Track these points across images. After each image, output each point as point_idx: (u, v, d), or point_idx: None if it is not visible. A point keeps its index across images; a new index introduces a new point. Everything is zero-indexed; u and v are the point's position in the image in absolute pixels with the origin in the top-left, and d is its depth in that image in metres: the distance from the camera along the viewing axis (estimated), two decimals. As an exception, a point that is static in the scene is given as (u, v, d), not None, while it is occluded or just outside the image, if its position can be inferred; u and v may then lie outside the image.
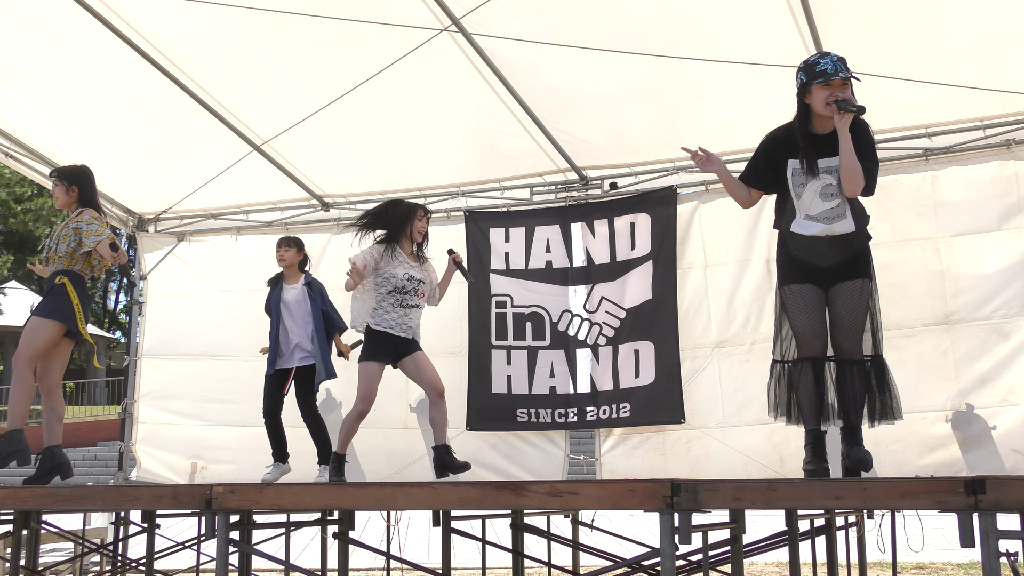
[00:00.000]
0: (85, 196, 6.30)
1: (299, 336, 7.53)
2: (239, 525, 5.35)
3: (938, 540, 10.68)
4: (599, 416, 7.76)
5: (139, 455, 8.97)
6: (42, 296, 6.20)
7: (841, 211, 4.84)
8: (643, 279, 7.74)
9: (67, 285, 6.02)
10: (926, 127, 6.94)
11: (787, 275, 5.05)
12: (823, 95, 4.74)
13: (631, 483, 4.18)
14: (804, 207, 4.88)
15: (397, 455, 8.23)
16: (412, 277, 6.76)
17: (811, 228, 4.87)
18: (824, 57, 4.83)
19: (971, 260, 6.84)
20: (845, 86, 4.74)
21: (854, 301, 4.89)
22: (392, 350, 6.78)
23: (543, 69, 6.68)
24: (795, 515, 5.69)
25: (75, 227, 6.09)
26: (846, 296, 4.90)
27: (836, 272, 4.91)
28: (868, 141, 4.82)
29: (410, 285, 6.73)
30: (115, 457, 11.91)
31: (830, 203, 4.83)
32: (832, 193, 4.83)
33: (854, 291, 4.89)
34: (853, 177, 4.71)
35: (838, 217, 4.85)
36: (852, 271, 4.91)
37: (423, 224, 6.84)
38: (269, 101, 7.30)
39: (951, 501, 3.62)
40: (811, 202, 4.86)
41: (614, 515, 14.08)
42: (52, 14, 6.29)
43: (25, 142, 7.97)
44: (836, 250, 4.89)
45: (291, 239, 7.83)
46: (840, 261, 4.90)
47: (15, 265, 38.26)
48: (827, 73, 4.74)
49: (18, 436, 6.07)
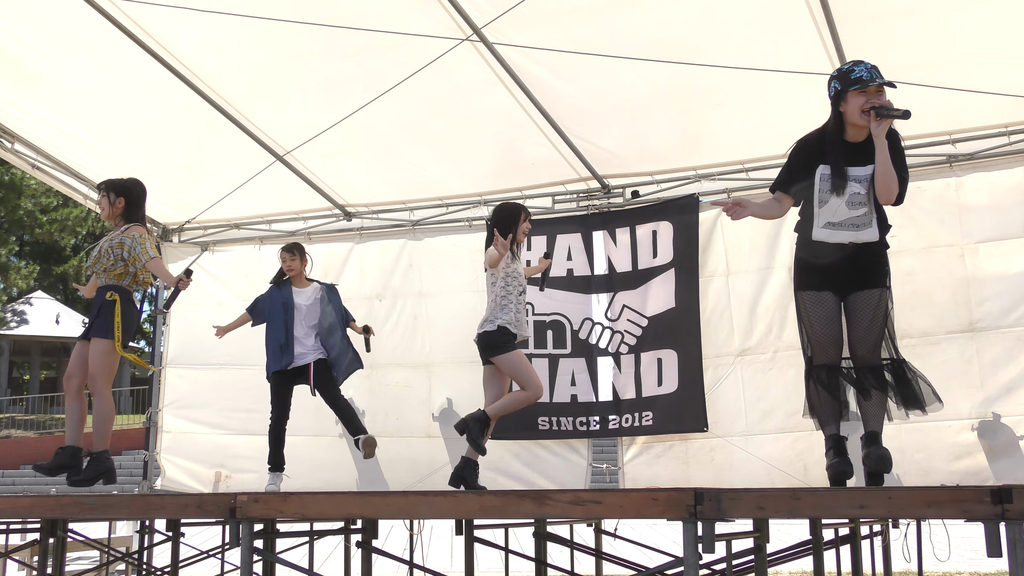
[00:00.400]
0: (131, 209, 6.33)
1: (311, 338, 7.62)
2: (263, 534, 5.38)
3: (964, 549, 10.60)
4: (621, 424, 7.74)
5: (163, 464, 9.02)
6: (91, 311, 6.22)
7: (867, 220, 4.82)
8: (665, 287, 7.72)
9: (117, 302, 6.07)
10: (950, 133, 6.90)
11: (804, 280, 5.03)
12: (859, 102, 4.74)
13: (654, 492, 4.17)
14: (827, 214, 4.84)
15: (420, 464, 8.24)
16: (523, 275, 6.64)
17: (836, 236, 4.84)
18: (859, 65, 4.82)
19: (996, 267, 6.79)
20: (881, 92, 4.73)
21: (871, 310, 4.86)
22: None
23: (564, 77, 6.69)
24: (819, 524, 5.66)
25: (121, 242, 6.12)
26: (863, 305, 4.87)
27: (853, 280, 4.89)
28: (899, 150, 4.82)
29: (525, 284, 6.58)
30: (140, 466, 11.98)
31: (857, 211, 4.81)
32: (860, 202, 4.80)
33: (871, 300, 4.86)
34: (889, 185, 4.71)
35: (864, 225, 4.82)
36: (870, 280, 4.88)
37: (527, 225, 6.65)
38: (292, 111, 7.34)
39: (977, 510, 3.59)
40: (836, 209, 4.82)
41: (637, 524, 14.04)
42: (79, 28, 6.35)
43: (51, 153, 8.04)
44: (857, 260, 4.87)
45: (292, 246, 7.88)
46: (858, 269, 4.88)
47: (40, 275, 38.56)
48: (863, 80, 4.74)
49: (105, 456, 6.20)
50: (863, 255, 4.87)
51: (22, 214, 34.88)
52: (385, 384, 8.50)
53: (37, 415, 32.03)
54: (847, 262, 4.87)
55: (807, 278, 5.01)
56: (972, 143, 6.92)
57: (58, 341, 36.68)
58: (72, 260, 40.43)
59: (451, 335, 8.38)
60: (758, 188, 7.53)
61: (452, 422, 8.21)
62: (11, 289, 35.78)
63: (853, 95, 4.76)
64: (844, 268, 4.88)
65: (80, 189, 8.46)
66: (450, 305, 8.43)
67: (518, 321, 6.38)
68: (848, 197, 4.80)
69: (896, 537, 7.04)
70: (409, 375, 8.46)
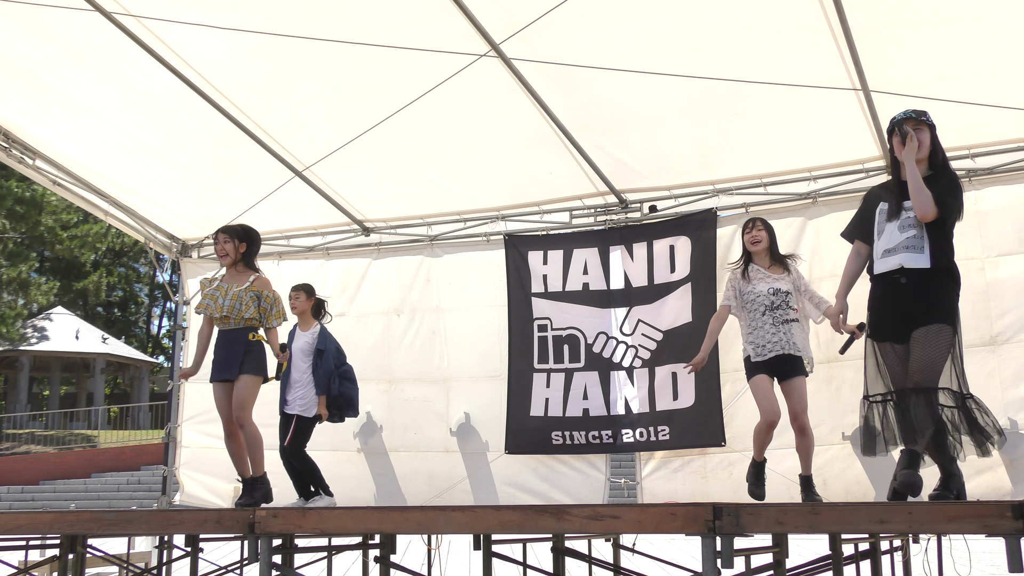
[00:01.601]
0: (250, 255, 6.68)
1: (300, 384, 7.48)
2: (281, 549, 5.38)
3: (986, 564, 10.51)
4: (636, 438, 7.72)
5: (182, 479, 9.04)
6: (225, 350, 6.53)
7: (918, 243, 5.03)
8: (682, 302, 7.71)
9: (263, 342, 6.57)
10: (968, 148, 6.88)
11: (872, 328, 5.29)
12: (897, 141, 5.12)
13: (673, 507, 4.16)
14: (883, 243, 5.15)
15: (438, 478, 8.24)
16: (777, 290, 6.37)
17: (887, 264, 5.10)
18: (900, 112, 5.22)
19: (1017, 280, 6.75)
20: (919, 128, 5.11)
21: (929, 344, 4.94)
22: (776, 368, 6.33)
23: (582, 91, 6.69)
24: (839, 539, 5.63)
25: (258, 295, 6.50)
26: (921, 338, 4.97)
27: (916, 316, 5.00)
28: (949, 179, 5.12)
29: (777, 299, 6.35)
30: (159, 481, 12.02)
31: (907, 232, 5.06)
32: (910, 224, 5.05)
33: (929, 334, 4.95)
34: (918, 201, 4.97)
35: (913, 248, 5.03)
36: (931, 316, 4.98)
37: (750, 235, 6.48)
38: (310, 126, 7.38)
39: (998, 525, 3.57)
40: (891, 235, 5.11)
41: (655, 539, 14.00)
42: (98, 44, 6.41)
43: (72, 170, 8.11)
44: (913, 292, 5.02)
45: (301, 286, 7.82)
46: (919, 303, 5.00)
47: (61, 291, 38.76)
48: (895, 121, 5.16)
49: (265, 479, 6.55)
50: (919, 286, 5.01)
51: (43, 230, 35.08)
52: (403, 399, 8.51)
53: (56, 431, 32.14)
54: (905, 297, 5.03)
55: (873, 325, 5.28)
56: (991, 157, 6.89)
57: (78, 357, 36.83)
58: (92, 276, 40.63)
59: (469, 350, 8.39)
60: (776, 203, 7.54)
61: (469, 436, 8.24)
62: (31, 305, 35.97)
63: (895, 137, 5.14)
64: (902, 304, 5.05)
65: (100, 205, 8.52)
66: (468, 320, 8.44)
67: (759, 343, 6.31)
68: (901, 221, 5.08)
69: (916, 552, 6.99)
70: (427, 390, 8.47)
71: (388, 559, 5.79)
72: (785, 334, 6.25)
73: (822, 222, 7.38)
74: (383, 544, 5.84)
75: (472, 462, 8.19)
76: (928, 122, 5.15)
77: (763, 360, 6.28)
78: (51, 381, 39.36)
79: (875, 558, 6.35)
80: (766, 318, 6.29)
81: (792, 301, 6.32)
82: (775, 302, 6.29)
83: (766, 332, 6.28)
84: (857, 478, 6.99)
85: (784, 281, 6.36)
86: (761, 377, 6.27)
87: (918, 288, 5.01)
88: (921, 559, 6.85)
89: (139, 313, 51.92)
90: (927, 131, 5.12)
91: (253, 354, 6.45)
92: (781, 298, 6.30)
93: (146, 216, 8.91)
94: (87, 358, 37.18)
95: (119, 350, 38.18)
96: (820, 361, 6.82)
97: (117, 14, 6.10)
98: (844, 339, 5.77)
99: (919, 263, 4.99)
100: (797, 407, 6.20)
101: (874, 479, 6.91)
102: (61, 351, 35.58)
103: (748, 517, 3.92)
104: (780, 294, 6.31)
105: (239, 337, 6.43)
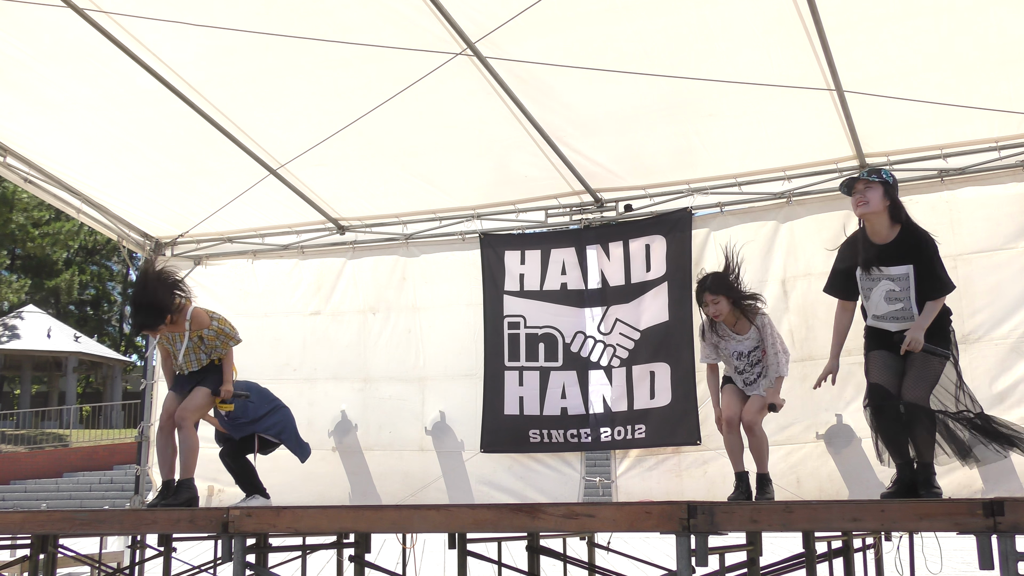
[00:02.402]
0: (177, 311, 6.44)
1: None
2: (255, 548, 5.36)
3: (957, 562, 10.61)
4: (614, 437, 7.74)
5: (155, 479, 8.98)
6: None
7: (907, 313, 5.31)
8: (658, 301, 7.73)
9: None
10: (941, 148, 6.92)
11: (868, 343, 5.52)
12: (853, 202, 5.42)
13: (647, 505, 4.17)
14: (872, 308, 5.43)
15: (413, 477, 8.22)
16: (740, 354, 6.47)
17: (883, 325, 5.37)
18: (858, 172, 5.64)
19: (988, 279, 6.80)
20: (868, 186, 5.35)
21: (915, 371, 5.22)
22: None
23: (558, 88, 6.69)
24: (812, 537, 5.67)
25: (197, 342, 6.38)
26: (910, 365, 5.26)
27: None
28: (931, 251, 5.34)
29: (741, 364, 6.46)
30: (131, 481, 11.95)
31: (895, 306, 5.33)
32: (896, 297, 5.31)
33: (915, 361, 5.23)
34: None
35: (904, 318, 5.31)
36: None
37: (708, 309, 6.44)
38: (285, 124, 7.35)
39: (970, 523, 3.60)
40: (877, 304, 5.37)
41: (630, 537, 14.04)
42: (71, 41, 6.35)
43: (44, 167, 8.03)
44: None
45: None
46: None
47: (32, 289, 38.48)
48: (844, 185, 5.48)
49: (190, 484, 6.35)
50: None
51: (14, 228, 34.85)
52: (378, 397, 8.49)
53: (28, 430, 31.90)
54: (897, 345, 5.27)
55: (869, 341, 5.52)
56: (964, 158, 6.93)
57: (49, 355, 36.58)
58: (64, 274, 40.37)
59: (444, 349, 8.38)
60: (751, 202, 7.56)
61: (445, 435, 8.22)
62: (2, 303, 35.70)
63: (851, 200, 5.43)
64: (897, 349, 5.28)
65: (72, 203, 8.44)
66: (444, 319, 8.43)
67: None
68: (885, 294, 5.32)
69: (889, 550, 7.04)
70: (402, 388, 8.45)
71: (363, 558, 5.78)
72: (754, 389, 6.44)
73: (797, 222, 7.41)
74: (358, 543, 5.84)
75: (447, 461, 8.18)
76: (881, 180, 5.34)
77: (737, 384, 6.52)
78: (22, 380, 39.09)
79: (848, 556, 6.40)
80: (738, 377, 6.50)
81: (759, 353, 6.45)
82: (738, 367, 6.47)
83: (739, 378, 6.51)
84: (830, 476, 7.03)
85: (748, 341, 6.46)
86: (730, 387, 6.50)
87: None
88: (893, 557, 6.90)
89: (112, 311, 51.57)
90: (878, 188, 5.31)
91: (215, 375, 6.43)
92: (744, 361, 6.46)
93: (119, 214, 8.84)
94: (59, 357, 36.94)
95: (91, 349, 37.95)
96: (795, 360, 6.84)
97: (89, 10, 6.05)
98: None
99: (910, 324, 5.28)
100: (751, 408, 6.36)
101: (847, 477, 6.95)
102: (32, 349, 35.34)
103: (722, 515, 3.94)
104: (743, 357, 6.46)
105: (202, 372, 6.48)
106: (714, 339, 6.52)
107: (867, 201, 5.31)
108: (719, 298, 6.38)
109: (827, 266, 5.97)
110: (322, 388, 8.61)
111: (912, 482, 5.16)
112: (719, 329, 6.49)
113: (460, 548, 5.88)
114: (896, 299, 5.27)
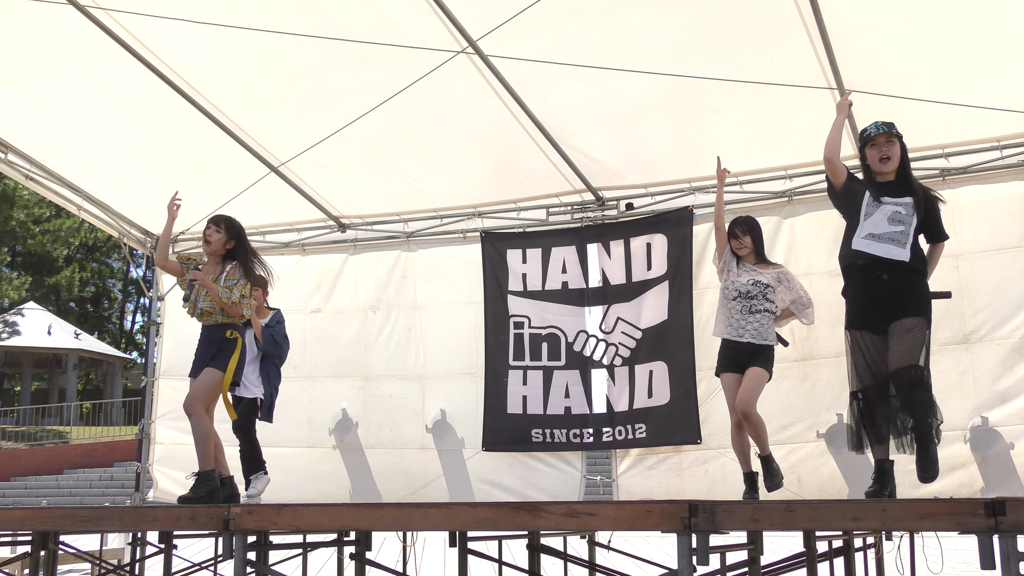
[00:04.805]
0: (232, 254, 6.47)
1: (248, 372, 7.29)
2: (256, 546, 5.35)
3: (957, 562, 10.60)
4: (615, 437, 7.74)
5: (156, 475, 8.99)
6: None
7: (903, 238, 5.30)
8: (659, 300, 7.73)
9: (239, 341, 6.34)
10: (943, 147, 6.93)
11: (850, 318, 5.55)
12: (874, 153, 5.45)
13: (648, 504, 4.17)
14: (870, 226, 5.38)
15: (414, 475, 8.23)
16: (758, 282, 6.37)
17: (873, 248, 5.33)
18: (871, 124, 5.53)
19: (990, 278, 6.80)
20: (890, 141, 5.43)
21: (906, 337, 5.19)
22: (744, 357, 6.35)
23: (559, 88, 6.69)
24: (813, 536, 5.66)
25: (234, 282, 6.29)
26: (900, 332, 5.22)
27: (894, 308, 5.27)
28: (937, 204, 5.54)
29: (755, 290, 6.35)
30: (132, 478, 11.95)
31: (896, 227, 5.31)
32: (899, 220, 5.31)
33: (906, 327, 5.21)
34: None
35: (899, 242, 5.29)
36: (907, 309, 5.26)
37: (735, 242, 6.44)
38: (286, 122, 7.34)
39: (971, 523, 3.60)
40: (879, 222, 5.34)
41: (631, 536, 14.04)
42: (73, 39, 6.36)
43: (45, 164, 8.03)
44: (891, 284, 5.29)
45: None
46: (896, 297, 5.27)
47: (32, 286, 38.47)
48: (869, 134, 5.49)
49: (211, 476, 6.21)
50: (898, 279, 5.30)
51: (14, 224, 34.83)
52: (379, 396, 8.49)
53: (28, 427, 31.88)
54: (883, 287, 5.30)
55: (851, 315, 5.54)
56: (965, 157, 6.93)
57: (50, 352, 36.55)
58: (65, 271, 40.35)
59: (445, 347, 8.38)
60: (752, 200, 7.56)
61: (445, 434, 8.23)
62: (3, 300, 35.69)
63: (869, 149, 5.48)
64: (882, 298, 5.31)
65: (74, 200, 8.45)
66: (444, 317, 8.43)
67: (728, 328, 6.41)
68: (890, 214, 5.32)
69: (889, 549, 7.04)
70: (403, 387, 8.45)
71: (363, 556, 5.78)
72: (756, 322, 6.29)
73: (798, 220, 7.42)
74: (358, 541, 5.83)
75: (448, 459, 8.19)
76: (898, 134, 5.43)
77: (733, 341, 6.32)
78: (22, 377, 39.06)
79: (849, 555, 6.39)
80: (736, 303, 6.33)
81: (771, 294, 6.34)
82: (751, 291, 6.32)
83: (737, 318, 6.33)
84: (831, 475, 7.03)
85: (768, 276, 6.37)
86: (727, 376, 6.33)
87: (897, 282, 5.28)
88: (894, 556, 6.90)
89: (112, 309, 51.53)
90: (898, 144, 5.42)
91: (224, 351, 6.29)
92: (758, 288, 6.32)
93: (120, 211, 8.85)
94: (59, 354, 36.90)
95: (92, 346, 37.92)
96: (795, 359, 6.85)
97: (91, 8, 6.05)
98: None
99: (900, 256, 5.26)
100: (744, 394, 6.17)
101: (848, 476, 6.95)
102: (33, 346, 35.30)
103: (723, 514, 3.93)
104: (759, 285, 6.32)
105: (216, 335, 6.30)
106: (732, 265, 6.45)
107: (890, 156, 5.42)
108: (747, 237, 6.41)
109: (828, 265, 5.99)
110: (323, 386, 8.62)
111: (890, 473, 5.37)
112: (741, 263, 6.46)
113: (461, 546, 5.88)
114: (899, 221, 5.30)
